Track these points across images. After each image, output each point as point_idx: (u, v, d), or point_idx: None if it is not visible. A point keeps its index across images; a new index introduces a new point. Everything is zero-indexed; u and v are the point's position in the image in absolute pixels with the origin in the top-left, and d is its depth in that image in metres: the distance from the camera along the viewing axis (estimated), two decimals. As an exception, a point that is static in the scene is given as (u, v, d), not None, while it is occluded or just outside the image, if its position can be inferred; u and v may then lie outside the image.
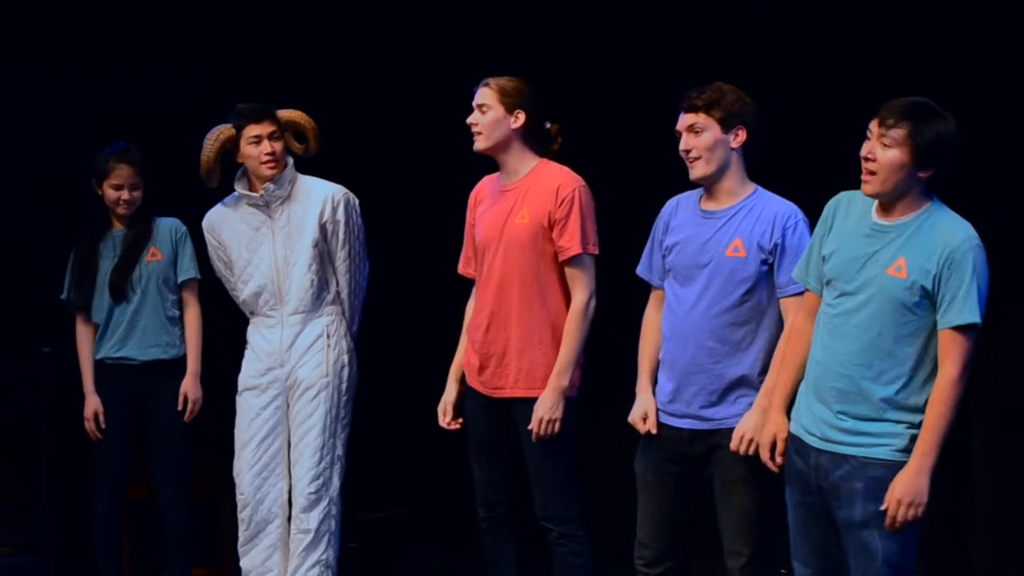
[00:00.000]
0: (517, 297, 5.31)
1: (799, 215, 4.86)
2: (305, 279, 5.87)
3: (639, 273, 5.13)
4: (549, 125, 5.40)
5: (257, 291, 5.94)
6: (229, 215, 5.97)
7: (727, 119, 4.83)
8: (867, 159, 4.34)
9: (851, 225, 4.44)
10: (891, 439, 4.32)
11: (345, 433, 5.91)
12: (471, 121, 5.34)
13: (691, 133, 4.86)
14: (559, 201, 5.26)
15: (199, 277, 6.26)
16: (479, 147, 5.35)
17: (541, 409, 5.23)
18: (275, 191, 5.85)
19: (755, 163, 4.91)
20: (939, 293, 4.27)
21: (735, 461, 4.82)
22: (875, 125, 4.33)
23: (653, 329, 5.04)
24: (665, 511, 4.95)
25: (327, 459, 5.86)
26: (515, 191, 5.34)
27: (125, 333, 6.19)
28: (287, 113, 5.87)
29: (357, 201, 5.91)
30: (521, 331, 5.31)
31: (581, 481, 5.36)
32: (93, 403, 6.21)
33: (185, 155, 6.07)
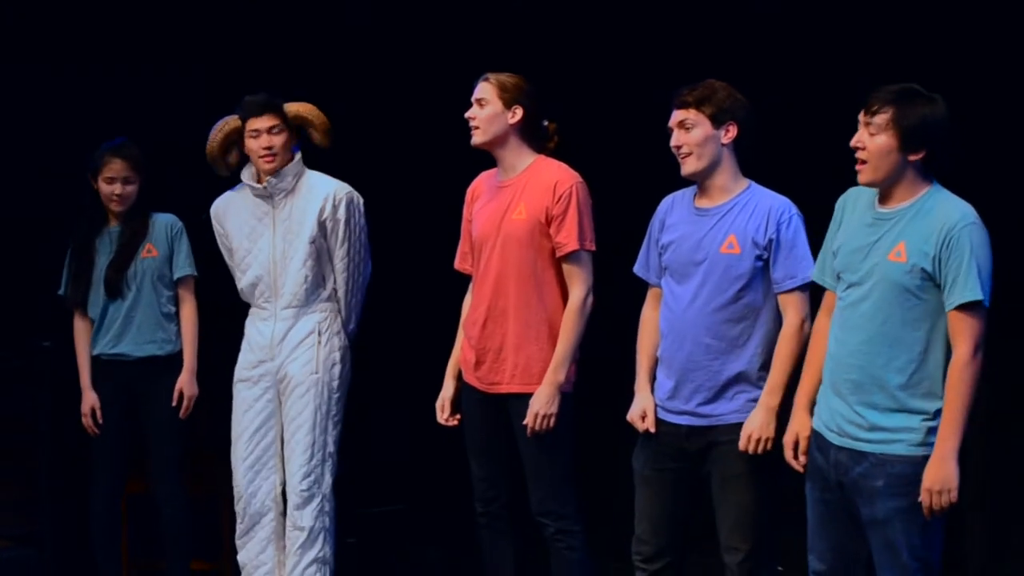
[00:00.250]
0: (514, 293, 5.31)
1: (793, 209, 4.86)
2: (300, 274, 5.87)
3: (636, 271, 5.13)
4: (547, 123, 5.41)
5: (254, 282, 5.95)
6: (235, 203, 5.98)
7: (717, 115, 4.84)
8: (857, 148, 4.38)
9: (856, 217, 4.47)
10: (907, 434, 4.32)
11: (337, 430, 5.90)
12: (469, 115, 5.35)
13: (682, 129, 4.88)
14: (557, 197, 5.27)
15: (195, 274, 6.25)
16: (476, 141, 5.36)
17: (536, 404, 5.24)
18: (277, 184, 5.85)
19: (748, 159, 4.92)
20: (941, 275, 4.28)
21: (733, 457, 4.83)
22: (862, 115, 4.38)
23: (651, 327, 5.05)
24: (663, 507, 4.95)
25: (318, 456, 5.85)
26: (512, 187, 5.35)
27: (120, 330, 6.19)
28: (295, 107, 5.85)
29: (361, 201, 5.90)
30: (518, 327, 5.31)
31: (578, 477, 5.36)
32: (90, 399, 6.21)
33: (185, 154, 6.09)
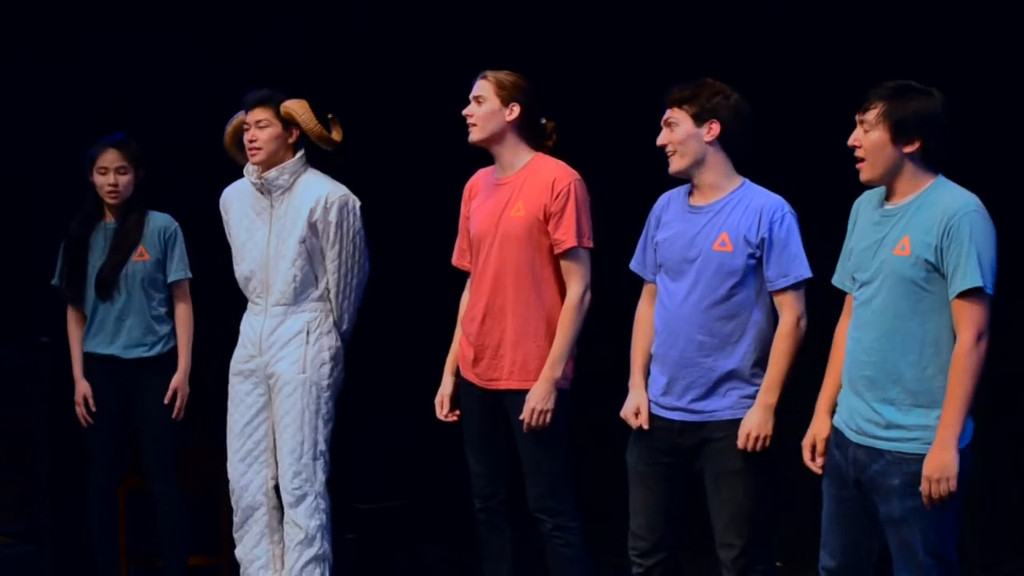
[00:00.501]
0: (512, 290, 5.32)
1: (786, 208, 4.87)
2: (288, 273, 5.85)
3: (632, 268, 5.14)
4: (545, 121, 5.42)
5: (248, 275, 5.95)
6: (241, 195, 5.97)
7: (700, 114, 4.86)
8: (854, 147, 4.42)
9: (866, 217, 4.50)
10: (924, 431, 4.32)
11: (328, 428, 5.88)
12: (467, 112, 5.36)
13: (667, 127, 4.91)
14: (555, 194, 5.27)
15: (190, 276, 6.22)
16: (474, 138, 5.37)
17: (533, 400, 5.25)
18: (274, 180, 5.85)
19: (744, 157, 4.92)
20: (944, 265, 4.28)
21: (727, 454, 4.84)
22: (858, 115, 4.43)
23: (645, 324, 5.05)
24: (658, 502, 4.96)
25: (308, 455, 5.83)
26: (510, 184, 5.35)
27: (112, 331, 6.15)
28: (289, 104, 5.84)
29: (358, 204, 5.86)
30: (516, 324, 5.32)
31: (574, 473, 5.37)
32: (82, 387, 6.20)
33: (186, 153, 6.09)
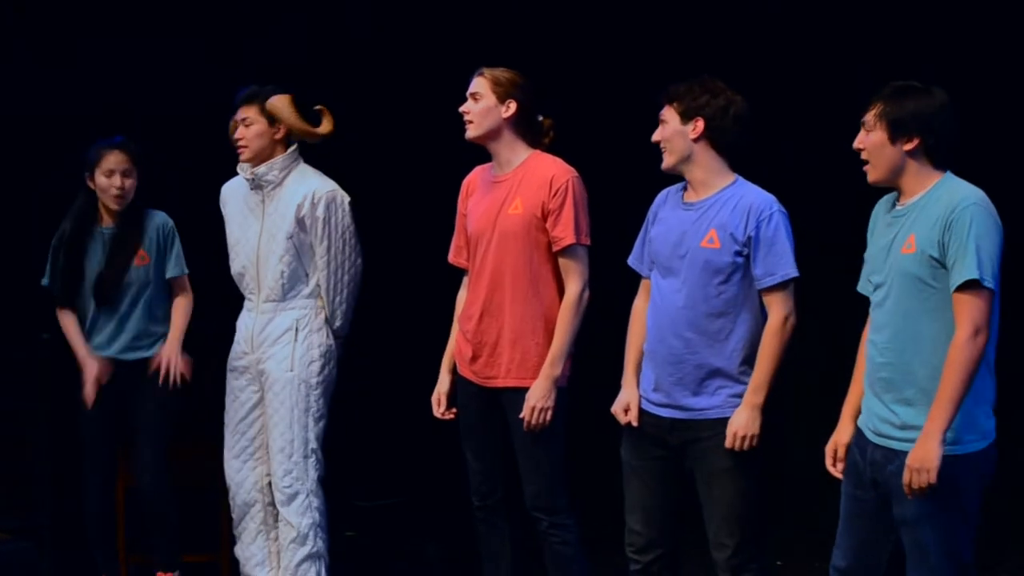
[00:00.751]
0: (510, 288, 5.32)
1: (775, 207, 4.87)
2: (276, 269, 5.85)
3: (630, 263, 5.14)
4: (542, 119, 5.41)
5: (240, 271, 5.96)
6: (238, 191, 5.98)
7: (686, 111, 4.89)
8: (859, 149, 4.43)
9: (881, 221, 4.50)
10: None
11: (319, 426, 5.87)
12: (464, 109, 5.36)
13: (660, 124, 4.95)
14: (553, 192, 5.27)
15: (187, 272, 6.19)
16: (470, 135, 5.37)
17: (533, 398, 5.24)
18: (264, 175, 5.86)
19: (732, 156, 4.92)
20: (947, 259, 4.27)
21: (716, 454, 4.84)
22: (861, 118, 4.44)
23: (640, 320, 5.06)
24: (652, 497, 4.96)
25: (298, 453, 5.83)
26: (508, 182, 5.35)
27: (111, 335, 6.10)
28: (273, 100, 5.82)
29: (347, 200, 5.85)
30: (514, 322, 5.32)
31: (570, 471, 5.37)
32: (93, 367, 6.06)
33: (185, 153, 6.09)
